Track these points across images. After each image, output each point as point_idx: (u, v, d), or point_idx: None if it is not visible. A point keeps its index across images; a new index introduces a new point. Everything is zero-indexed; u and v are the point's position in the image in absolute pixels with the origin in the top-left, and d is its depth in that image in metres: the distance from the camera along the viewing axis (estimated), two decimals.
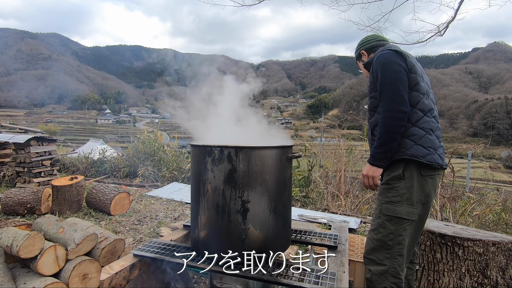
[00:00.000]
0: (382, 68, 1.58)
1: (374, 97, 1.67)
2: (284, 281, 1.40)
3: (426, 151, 1.53)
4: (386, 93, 1.54)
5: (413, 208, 1.51)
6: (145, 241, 3.17)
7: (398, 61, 1.57)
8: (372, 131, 1.72)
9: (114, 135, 79.76)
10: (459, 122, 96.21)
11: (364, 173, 1.63)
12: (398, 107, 1.51)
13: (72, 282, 1.97)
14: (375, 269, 1.54)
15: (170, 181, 6.46)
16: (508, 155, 45.96)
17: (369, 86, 1.73)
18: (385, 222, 1.55)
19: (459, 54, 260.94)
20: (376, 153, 1.57)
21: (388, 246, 1.52)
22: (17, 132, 6.18)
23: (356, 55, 1.96)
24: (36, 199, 3.71)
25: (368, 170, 1.61)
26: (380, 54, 1.63)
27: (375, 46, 1.85)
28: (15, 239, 1.93)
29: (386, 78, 1.55)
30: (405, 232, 1.52)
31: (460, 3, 3.76)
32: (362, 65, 1.92)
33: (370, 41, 1.89)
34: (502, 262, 1.81)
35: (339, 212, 4.71)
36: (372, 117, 1.71)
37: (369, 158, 1.62)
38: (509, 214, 3.95)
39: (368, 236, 1.64)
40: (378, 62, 1.61)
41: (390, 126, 1.52)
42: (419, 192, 1.53)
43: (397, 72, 1.55)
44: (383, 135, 1.54)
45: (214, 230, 1.57)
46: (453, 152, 4.69)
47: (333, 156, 6.20)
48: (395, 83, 1.53)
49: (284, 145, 1.67)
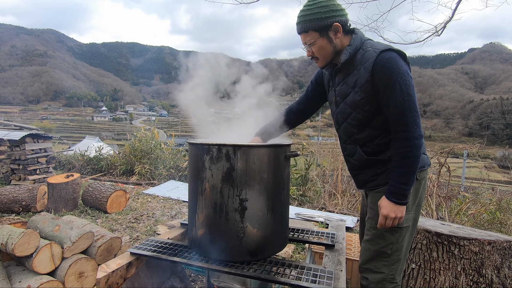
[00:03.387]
0: (397, 81, 1.29)
1: (370, 111, 1.40)
2: (281, 280, 1.40)
3: (425, 156, 1.49)
4: (407, 117, 1.30)
5: (409, 213, 1.45)
6: (142, 239, 3.16)
7: (408, 70, 1.33)
8: (362, 147, 1.50)
9: (111, 132, 79.32)
10: (454, 122, 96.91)
11: (392, 215, 1.34)
12: (421, 133, 1.33)
13: (68, 280, 1.96)
14: (373, 277, 1.49)
15: (167, 179, 6.44)
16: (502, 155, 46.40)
17: (363, 97, 1.39)
18: (384, 233, 1.44)
19: (456, 54, 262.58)
20: (404, 190, 1.33)
21: (386, 254, 1.46)
22: (12, 129, 6.12)
23: (321, 24, 1.35)
24: (31, 197, 3.68)
25: (396, 211, 1.34)
26: (389, 60, 1.30)
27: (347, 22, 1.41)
28: (10, 237, 1.92)
29: (405, 96, 1.29)
30: (404, 239, 1.47)
31: (458, 3, 3.77)
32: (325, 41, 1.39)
33: (343, 12, 1.39)
34: (497, 261, 1.83)
35: (336, 210, 4.73)
36: (361, 132, 1.47)
37: (391, 196, 1.35)
38: (504, 214, 3.99)
39: (364, 246, 1.55)
40: (387, 71, 1.30)
41: (416, 157, 1.32)
42: (414, 196, 1.47)
43: (412, 87, 1.31)
44: (410, 168, 1.32)
45: (212, 229, 1.57)
46: (449, 152, 4.72)
47: (330, 155, 6.22)
48: (414, 102, 1.31)
49: (282, 144, 1.66)
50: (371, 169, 1.51)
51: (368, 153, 1.49)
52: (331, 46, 1.42)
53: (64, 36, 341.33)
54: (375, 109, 1.41)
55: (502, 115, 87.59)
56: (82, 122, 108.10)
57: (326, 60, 1.47)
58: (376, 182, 1.50)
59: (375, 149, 1.47)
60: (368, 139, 1.47)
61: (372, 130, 1.45)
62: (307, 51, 1.47)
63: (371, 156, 1.48)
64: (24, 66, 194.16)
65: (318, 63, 1.51)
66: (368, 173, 1.52)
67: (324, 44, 1.41)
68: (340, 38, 1.41)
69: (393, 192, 1.34)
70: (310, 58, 1.49)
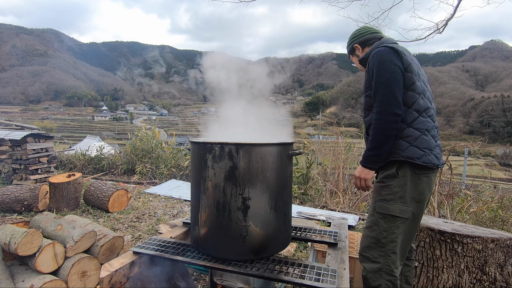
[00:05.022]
0: (378, 67, 1.54)
1: (369, 96, 1.63)
2: (285, 278, 1.40)
3: (421, 152, 1.51)
4: (380, 94, 1.51)
5: (406, 206, 1.51)
6: (144, 238, 3.16)
7: (394, 60, 1.53)
8: (367, 130, 1.69)
9: (111, 132, 79.36)
10: (455, 120, 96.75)
11: (356, 175, 1.62)
12: (392, 109, 1.48)
13: (71, 279, 1.96)
14: (370, 266, 1.55)
15: (168, 178, 6.44)
16: (503, 153, 46.34)
17: (365, 84, 1.69)
18: (379, 220, 1.55)
19: (456, 52, 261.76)
20: (368, 156, 1.56)
21: (382, 244, 1.52)
22: (13, 129, 6.13)
23: (349, 49, 1.90)
24: (33, 196, 3.69)
25: (360, 172, 1.60)
26: (376, 52, 1.58)
27: (369, 39, 1.79)
28: (13, 237, 1.92)
29: (381, 78, 1.52)
30: (398, 230, 1.51)
31: (460, 0, 3.75)
32: (356, 60, 1.87)
33: (363, 34, 1.82)
34: (501, 258, 1.83)
35: (338, 209, 4.73)
36: (367, 116, 1.68)
37: (361, 160, 1.61)
38: (505, 211, 3.99)
39: (363, 233, 1.64)
40: (373, 60, 1.57)
41: (382, 129, 1.50)
42: (412, 190, 1.52)
43: (392, 72, 1.51)
44: (375, 137, 1.52)
45: (215, 228, 1.56)
46: (450, 150, 4.71)
47: (331, 154, 6.21)
48: (390, 84, 1.49)
49: (285, 142, 1.65)
50: None
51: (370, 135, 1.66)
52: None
53: (64, 35, 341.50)
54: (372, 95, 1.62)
55: (503, 113, 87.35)
56: (82, 121, 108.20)
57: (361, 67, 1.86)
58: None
59: None
60: (370, 122, 1.63)
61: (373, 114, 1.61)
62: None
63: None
64: (24, 66, 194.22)
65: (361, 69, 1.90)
66: None
67: (355, 60, 1.89)
68: (364, 51, 1.82)
69: (363, 157, 1.61)
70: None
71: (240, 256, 1.55)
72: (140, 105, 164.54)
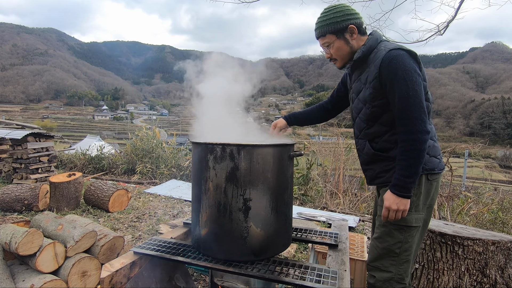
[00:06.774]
0: (403, 77, 1.32)
1: (379, 107, 1.45)
2: (285, 279, 1.40)
3: (437, 160, 1.47)
4: (411, 111, 1.32)
5: (419, 214, 1.45)
6: (144, 238, 3.16)
7: (416, 68, 1.35)
8: (370, 142, 1.54)
9: (111, 131, 79.39)
10: (456, 122, 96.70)
11: (393, 207, 1.37)
12: (426, 128, 1.33)
13: (71, 279, 1.96)
14: (380, 276, 1.49)
15: (169, 178, 6.44)
16: (504, 155, 46.33)
17: (371, 92, 1.44)
18: (393, 231, 1.45)
19: (457, 53, 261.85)
20: (406, 183, 1.34)
21: (395, 253, 1.46)
22: (14, 128, 6.13)
23: (336, 28, 1.46)
24: (33, 196, 3.69)
25: (398, 203, 1.36)
26: (396, 56, 1.34)
27: (362, 26, 1.50)
28: (14, 236, 1.92)
29: (410, 91, 1.32)
30: (413, 239, 1.46)
31: (461, 2, 3.76)
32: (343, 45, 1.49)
33: (358, 16, 1.49)
34: (501, 261, 1.83)
35: (338, 210, 4.73)
36: (370, 127, 1.52)
37: (394, 188, 1.37)
38: (506, 213, 3.98)
39: (372, 244, 1.55)
40: (393, 67, 1.34)
41: (419, 150, 1.33)
42: (425, 197, 1.46)
43: (419, 84, 1.34)
44: (413, 161, 1.33)
45: (216, 228, 1.56)
46: (451, 152, 4.71)
47: (331, 155, 6.22)
48: (420, 98, 1.32)
49: (286, 143, 1.66)
50: (379, 165, 1.53)
51: (376, 148, 1.52)
52: (348, 46, 1.50)
53: (65, 35, 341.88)
54: (383, 105, 1.45)
55: (503, 115, 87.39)
56: (83, 121, 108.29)
57: (343, 60, 1.55)
58: (384, 179, 1.52)
59: (383, 145, 1.50)
60: (376, 135, 1.51)
61: (380, 126, 1.49)
62: (326, 53, 1.56)
63: (379, 152, 1.51)
64: (25, 65, 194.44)
65: (336, 64, 1.59)
66: (376, 169, 1.55)
67: (341, 45, 1.50)
68: (356, 39, 1.50)
69: (396, 184, 1.37)
70: (329, 60, 1.58)
71: (240, 257, 1.55)
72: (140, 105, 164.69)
